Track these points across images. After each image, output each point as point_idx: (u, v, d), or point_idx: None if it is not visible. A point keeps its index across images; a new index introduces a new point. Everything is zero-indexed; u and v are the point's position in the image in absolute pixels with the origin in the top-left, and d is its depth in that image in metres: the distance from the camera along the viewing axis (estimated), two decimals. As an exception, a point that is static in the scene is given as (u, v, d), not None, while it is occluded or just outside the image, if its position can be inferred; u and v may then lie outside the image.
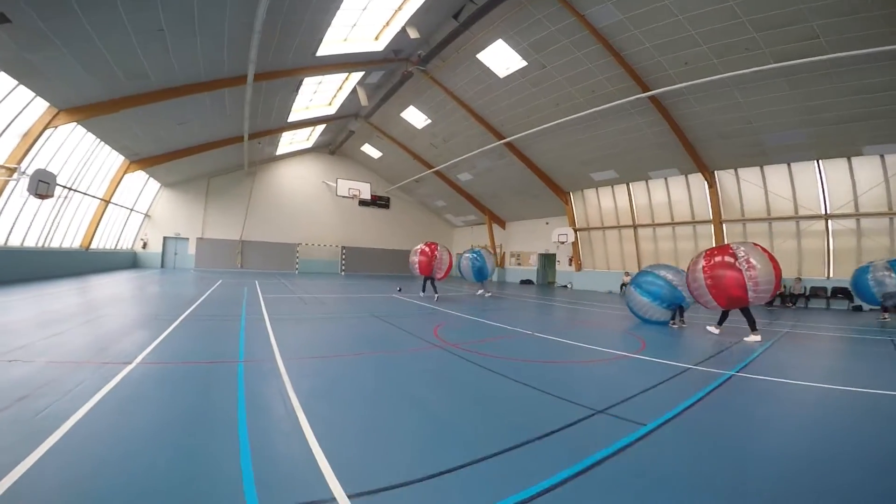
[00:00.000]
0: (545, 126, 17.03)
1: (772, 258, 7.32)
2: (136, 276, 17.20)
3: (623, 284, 20.64)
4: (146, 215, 24.92)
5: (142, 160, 19.20)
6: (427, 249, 13.47)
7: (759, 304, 7.49)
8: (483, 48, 15.83)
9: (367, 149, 27.97)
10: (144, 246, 25.05)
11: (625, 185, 20.92)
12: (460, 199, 28.56)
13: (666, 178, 19.53)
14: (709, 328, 8.24)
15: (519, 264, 28.48)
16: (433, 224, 35.03)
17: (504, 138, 19.54)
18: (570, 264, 24.32)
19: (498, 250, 29.28)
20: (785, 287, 15.77)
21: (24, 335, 5.40)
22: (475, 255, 15.68)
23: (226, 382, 3.91)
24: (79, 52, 9.80)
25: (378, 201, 31.60)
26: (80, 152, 15.04)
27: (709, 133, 15.94)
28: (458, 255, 16.53)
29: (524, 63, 15.73)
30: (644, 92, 14.40)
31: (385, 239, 31.98)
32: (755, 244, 7.62)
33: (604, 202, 22.14)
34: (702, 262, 7.68)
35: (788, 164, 16.28)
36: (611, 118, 16.69)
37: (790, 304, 15.70)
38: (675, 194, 19.63)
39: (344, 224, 30.57)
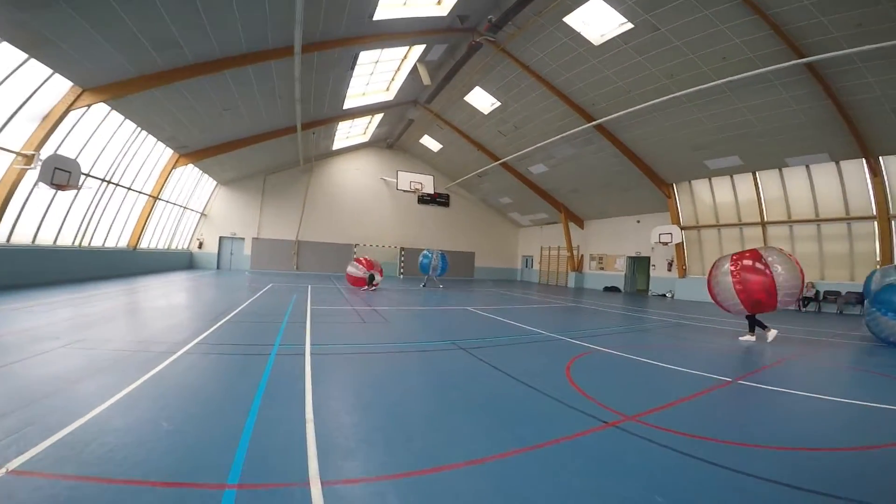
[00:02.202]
0: (654, 102, 13.50)
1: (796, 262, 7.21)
2: (183, 279, 15.70)
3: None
4: (202, 214, 24.05)
5: (191, 153, 17.85)
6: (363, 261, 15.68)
7: (784, 307, 7.45)
8: (572, 9, 12.69)
9: (427, 141, 25.52)
10: (200, 246, 24.18)
11: (750, 175, 16.72)
12: (530, 194, 25.27)
13: (808, 166, 15.25)
14: (741, 338, 7.61)
15: (602, 269, 24.70)
16: (496, 224, 32.02)
17: (594, 120, 16.13)
18: (670, 269, 20.32)
19: (574, 252, 25.66)
20: None
21: None
22: (426, 253, 19.22)
23: None
24: (85, 10, 7.91)
25: (438, 199, 29.11)
26: (118, 143, 13.60)
27: (878, 110, 11.89)
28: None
29: (629, 26, 12.42)
30: (799, 58, 10.74)
31: (445, 240, 29.36)
32: (780, 249, 7.51)
33: (720, 195, 18.01)
34: (728, 266, 7.42)
35: None
36: (744, 92, 13.01)
37: None
38: (822, 185, 15.27)
39: (402, 224, 28.39)
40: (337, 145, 25.13)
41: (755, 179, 16.72)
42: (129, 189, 15.39)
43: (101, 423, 2.75)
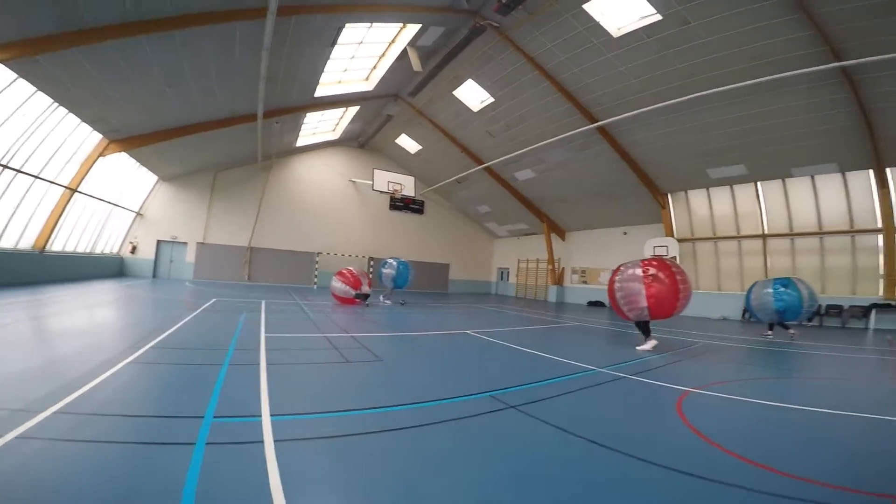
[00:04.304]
0: (669, 103, 12.20)
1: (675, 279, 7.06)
2: (104, 290, 12.63)
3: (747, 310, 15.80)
4: (137, 213, 20.65)
5: (125, 139, 14.86)
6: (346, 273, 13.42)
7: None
8: (596, -7, 11.28)
9: (404, 141, 23.42)
10: (133, 251, 20.71)
11: (752, 185, 15.84)
12: (512, 203, 23.67)
13: (812, 177, 14.50)
14: (639, 348, 7.35)
15: (584, 282, 23.34)
16: (471, 234, 30.24)
17: (596, 121, 14.67)
18: (663, 285, 19.16)
19: (556, 265, 24.20)
20: None
21: None
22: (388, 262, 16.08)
23: None
24: None
25: (412, 205, 26.93)
26: (25, 121, 10.66)
27: None
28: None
29: (656, 17, 11.11)
30: (836, 61, 9.80)
31: (417, 249, 27.23)
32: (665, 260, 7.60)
33: (718, 206, 17.04)
34: (638, 271, 7.24)
35: None
36: (767, 96, 11.98)
37: None
38: (826, 197, 14.56)
39: (372, 231, 25.98)
40: (302, 141, 22.55)
41: (757, 190, 15.85)
42: (37, 178, 12.26)
43: None
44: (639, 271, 7.20)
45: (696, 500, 2.27)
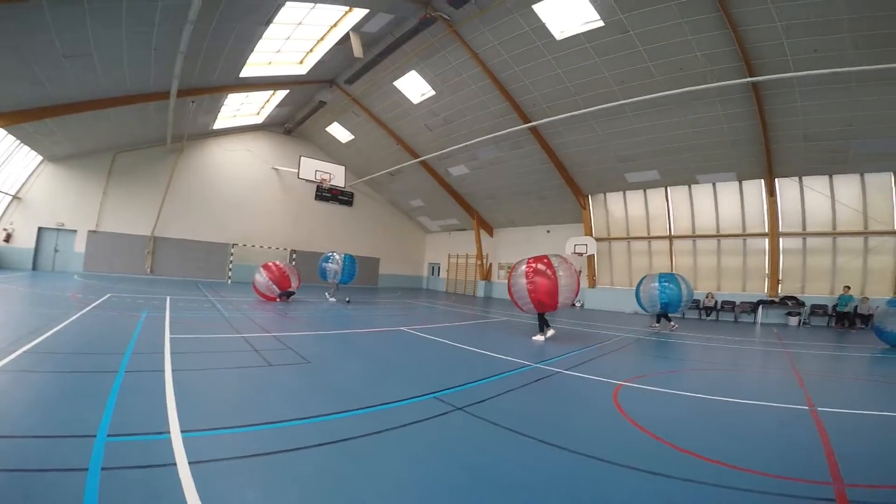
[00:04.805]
0: (596, 108, 12.88)
1: (556, 276, 7.60)
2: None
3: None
4: (14, 197, 17.58)
5: (4, 114, 12.59)
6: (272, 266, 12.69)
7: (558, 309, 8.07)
8: (548, -6, 11.49)
9: (335, 129, 22.35)
10: (8, 239, 17.62)
11: (662, 190, 17.34)
12: (445, 198, 23.73)
13: (714, 184, 16.23)
14: (535, 338, 7.88)
15: (511, 279, 24.13)
16: (402, 228, 29.87)
17: (530, 121, 15.11)
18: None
19: (483, 261, 24.74)
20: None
21: None
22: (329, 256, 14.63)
23: None
24: None
25: (340, 196, 25.92)
26: None
27: (791, 134, 12.84)
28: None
29: (598, 24, 11.55)
30: (749, 76, 10.92)
31: (345, 242, 26.16)
32: (563, 257, 8.14)
33: (632, 209, 18.43)
34: (524, 268, 7.85)
35: (862, 175, 13.73)
36: (684, 106, 13.06)
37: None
38: (724, 203, 16.37)
39: (295, 222, 24.50)
40: (220, 124, 20.54)
41: (667, 195, 17.39)
42: None
43: None
44: (526, 268, 7.78)
45: (653, 496, 2.30)
